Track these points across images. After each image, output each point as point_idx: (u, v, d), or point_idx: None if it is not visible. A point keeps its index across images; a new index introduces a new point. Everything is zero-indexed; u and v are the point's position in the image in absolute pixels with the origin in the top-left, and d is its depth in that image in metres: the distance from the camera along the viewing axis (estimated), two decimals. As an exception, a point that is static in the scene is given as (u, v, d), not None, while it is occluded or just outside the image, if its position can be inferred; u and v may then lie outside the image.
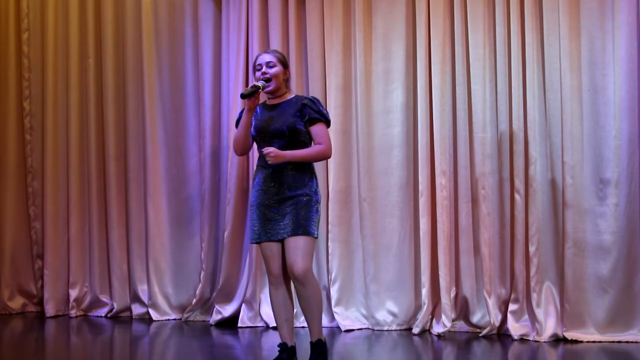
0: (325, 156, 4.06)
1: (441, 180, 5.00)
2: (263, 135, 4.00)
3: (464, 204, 5.02)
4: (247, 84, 5.39)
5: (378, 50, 5.23)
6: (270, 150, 3.86)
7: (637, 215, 4.69)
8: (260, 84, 3.97)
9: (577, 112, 4.77)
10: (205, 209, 5.53)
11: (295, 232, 3.88)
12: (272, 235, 3.94)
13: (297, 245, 3.87)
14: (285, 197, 3.93)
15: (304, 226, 3.89)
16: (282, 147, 3.94)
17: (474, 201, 5.00)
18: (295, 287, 3.96)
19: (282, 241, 3.94)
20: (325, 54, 5.27)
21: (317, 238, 3.98)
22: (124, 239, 5.76)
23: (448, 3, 5.06)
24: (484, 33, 4.96)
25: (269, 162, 3.88)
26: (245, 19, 5.41)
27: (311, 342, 3.99)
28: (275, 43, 5.31)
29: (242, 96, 3.92)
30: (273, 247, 3.96)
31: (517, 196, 4.86)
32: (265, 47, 5.35)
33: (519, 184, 4.85)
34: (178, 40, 5.71)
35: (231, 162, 5.38)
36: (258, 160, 4.08)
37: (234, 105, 5.39)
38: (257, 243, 4.02)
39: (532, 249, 4.81)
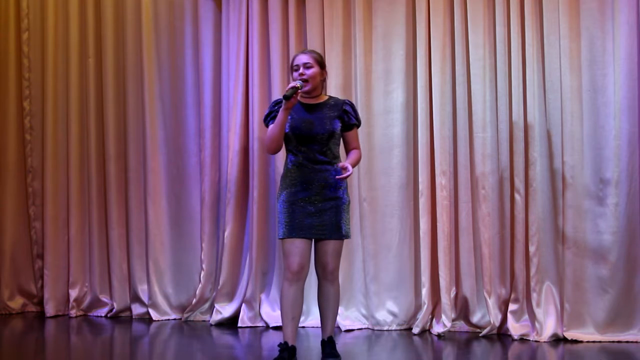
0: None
1: (441, 180, 5.00)
2: (302, 137, 4.05)
3: (464, 204, 5.01)
4: (247, 84, 5.40)
5: (378, 50, 5.23)
6: (349, 168, 3.93)
7: (637, 215, 4.70)
8: (298, 83, 4.00)
9: (577, 112, 4.78)
10: (205, 209, 5.52)
11: (333, 235, 4.05)
12: (306, 234, 4.01)
13: (334, 247, 4.06)
14: (324, 198, 4.03)
15: (341, 229, 4.06)
16: (320, 149, 4.05)
17: (474, 201, 4.99)
18: (322, 285, 4.12)
19: (311, 240, 4.03)
20: (325, 54, 5.26)
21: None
22: (124, 239, 5.76)
23: (448, 3, 5.06)
24: (484, 33, 4.96)
25: (346, 177, 3.94)
26: (245, 19, 5.41)
27: (323, 340, 4.13)
28: (275, 43, 5.31)
29: (285, 97, 3.94)
30: (299, 244, 4.00)
31: (517, 196, 4.86)
32: (265, 47, 5.35)
33: (519, 184, 4.85)
34: (178, 40, 5.70)
35: (231, 162, 5.38)
36: (291, 157, 4.11)
37: (234, 105, 5.39)
38: (285, 238, 4.03)
39: (532, 249, 4.81)
